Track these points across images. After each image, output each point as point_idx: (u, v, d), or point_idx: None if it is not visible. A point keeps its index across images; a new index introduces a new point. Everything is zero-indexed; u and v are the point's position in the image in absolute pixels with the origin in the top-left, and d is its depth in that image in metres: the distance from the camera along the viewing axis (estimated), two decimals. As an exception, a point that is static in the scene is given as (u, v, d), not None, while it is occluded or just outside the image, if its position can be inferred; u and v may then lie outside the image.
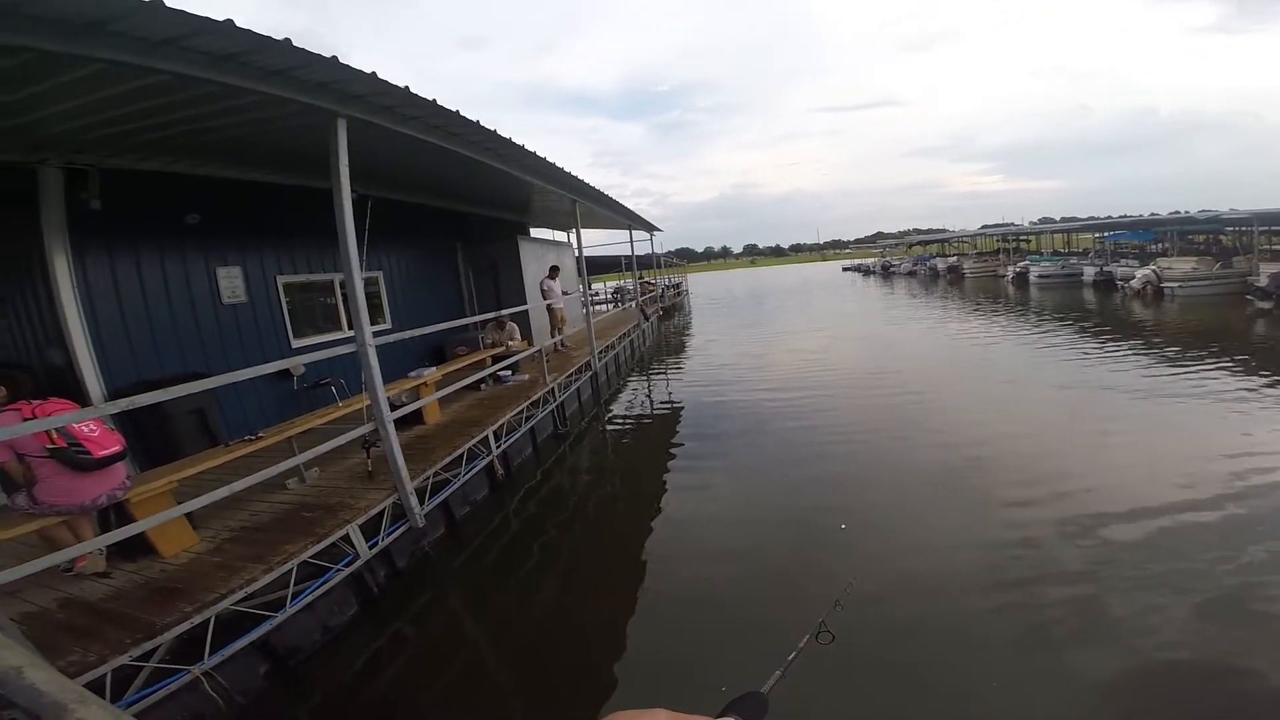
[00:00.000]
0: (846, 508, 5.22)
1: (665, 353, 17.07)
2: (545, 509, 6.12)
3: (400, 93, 4.28)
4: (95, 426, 3.52)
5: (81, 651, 2.78)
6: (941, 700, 2.99)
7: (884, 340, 15.25)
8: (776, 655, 1.13)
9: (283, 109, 4.15)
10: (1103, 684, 2.95)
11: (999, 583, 3.89)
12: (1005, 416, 7.54)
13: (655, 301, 24.11)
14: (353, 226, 4.26)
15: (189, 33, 2.88)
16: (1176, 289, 18.51)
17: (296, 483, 5.11)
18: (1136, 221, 25.58)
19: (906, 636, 3.42)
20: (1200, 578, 3.73)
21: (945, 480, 5.65)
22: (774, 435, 7.72)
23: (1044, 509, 4.84)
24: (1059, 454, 6.07)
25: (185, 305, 6.54)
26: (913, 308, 23.54)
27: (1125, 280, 21.17)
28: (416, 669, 3.66)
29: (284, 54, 3.33)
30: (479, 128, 5.47)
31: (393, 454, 4.58)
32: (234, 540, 4.05)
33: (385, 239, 9.51)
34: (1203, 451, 5.75)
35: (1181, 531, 4.30)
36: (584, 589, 4.57)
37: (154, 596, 3.31)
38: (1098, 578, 3.84)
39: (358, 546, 4.19)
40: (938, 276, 39.48)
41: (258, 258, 7.44)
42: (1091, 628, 3.38)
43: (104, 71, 3.28)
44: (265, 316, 7.50)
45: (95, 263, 5.67)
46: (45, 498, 3.30)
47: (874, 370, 11.11)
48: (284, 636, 3.53)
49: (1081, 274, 25.80)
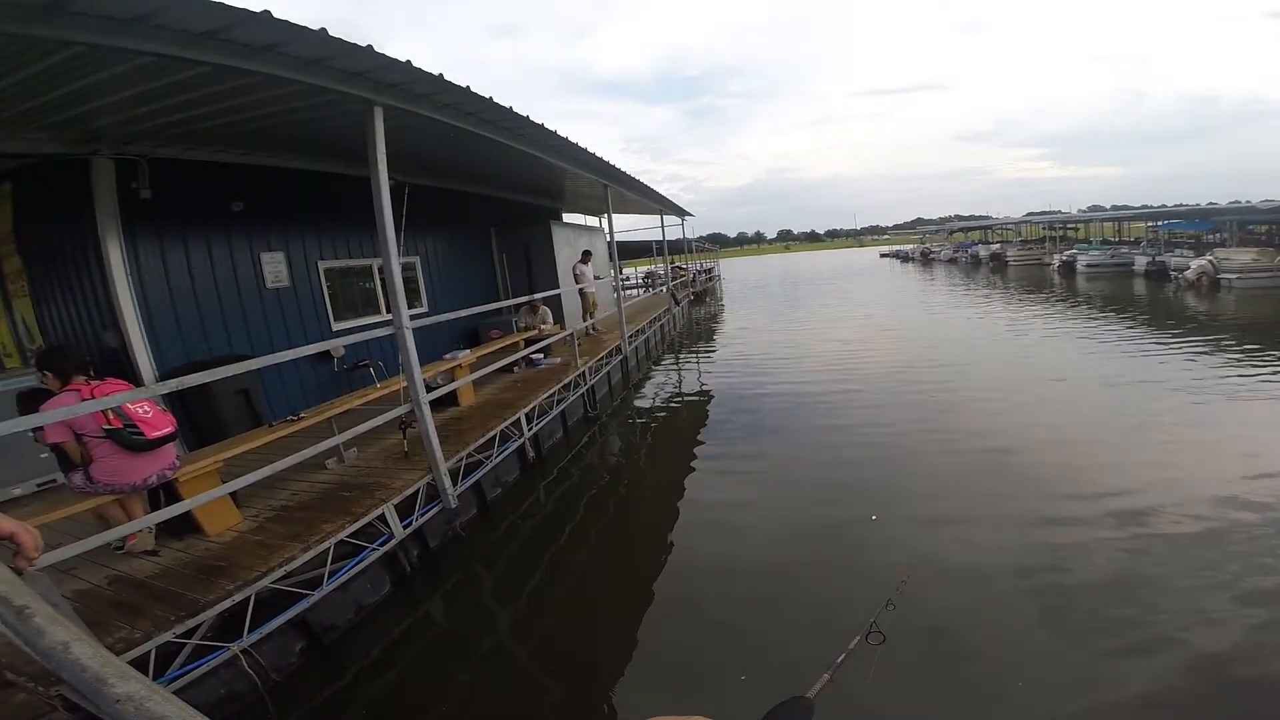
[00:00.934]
0: (881, 500, 5.12)
1: (695, 338, 16.96)
2: (575, 492, 6.17)
3: (434, 80, 4.30)
4: (149, 408, 3.66)
5: (128, 628, 2.87)
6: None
7: (920, 330, 14.85)
8: (817, 654, 1.05)
9: (321, 98, 4.20)
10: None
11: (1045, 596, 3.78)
12: (1052, 416, 7.27)
13: (686, 286, 23.96)
14: (390, 213, 4.32)
15: (229, 24, 2.93)
16: (1234, 280, 17.60)
17: (335, 463, 5.25)
18: (1193, 210, 24.27)
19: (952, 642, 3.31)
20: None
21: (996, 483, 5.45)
22: (805, 425, 7.61)
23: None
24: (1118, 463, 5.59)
25: (231, 290, 6.76)
26: (953, 295, 22.88)
27: (1179, 271, 20.17)
28: (446, 648, 3.75)
29: (320, 43, 3.37)
30: (511, 114, 5.47)
31: (428, 435, 4.67)
32: (275, 519, 4.18)
33: (422, 225, 9.64)
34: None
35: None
36: (612, 574, 4.60)
37: (198, 574, 3.43)
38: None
39: (393, 526, 4.29)
40: (979, 264, 38.29)
41: (299, 243, 7.63)
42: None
43: (149, 64, 3.38)
44: (307, 300, 7.70)
45: (146, 249, 5.89)
46: (100, 477, 3.45)
47: (909, 363, 10.82)
48: (319, 614, 3.64)
49: (1132, 264, 24.69)
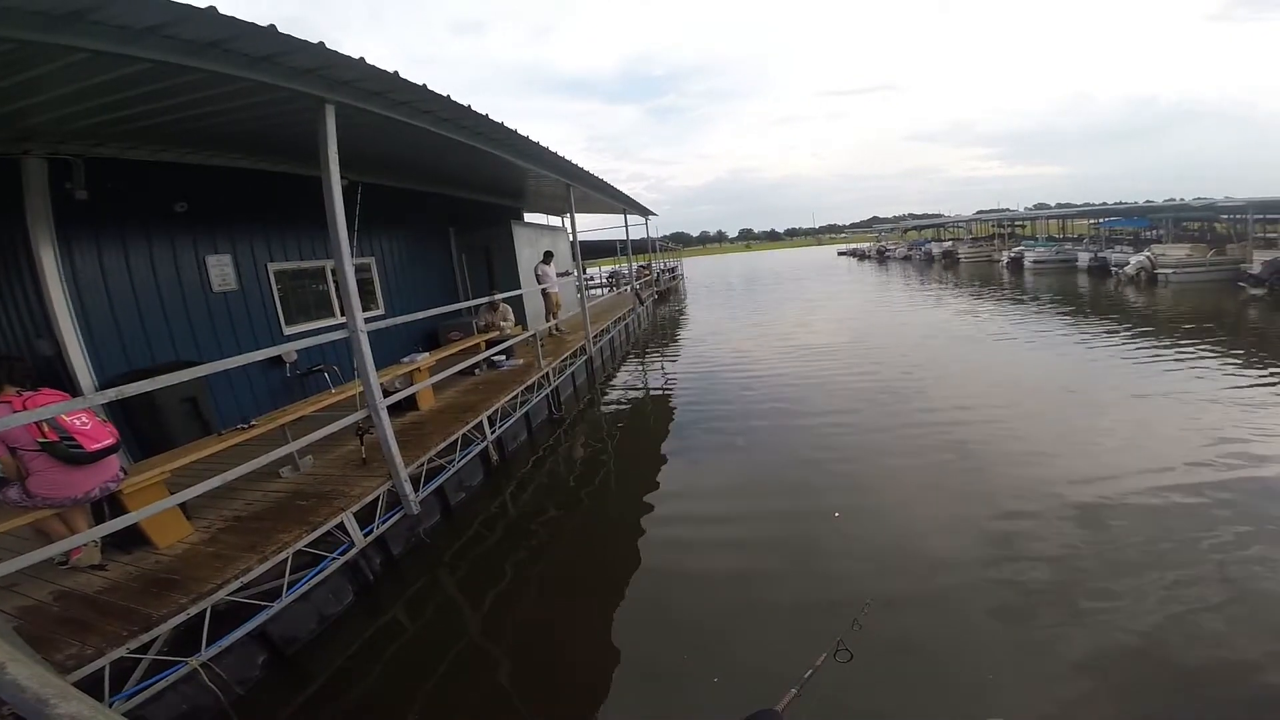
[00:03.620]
0: (841, 492, 5.27)
1: (660, 337, 17.06)
2: (541, 494, 6.16)
3: (389, 78, 4.22)
4: (87, 419, 3.50)
5: (79, 645, 2.78)
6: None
7: (870, 321, 15.32)
8: (789, 666, 1.07)
9: (270, 95, 4.08)
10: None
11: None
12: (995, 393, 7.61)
13: (650, 286, 24.04)
14: (343, 213, 4.23)
15: (171, 20, 2.83)
16: (1170, 275, 18.57)
17: (290, 471, 5.12)
18: (1131, 208, 25.48)
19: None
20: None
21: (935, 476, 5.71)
22: (774, 424, 7.74)
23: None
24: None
25: (175, 294, 6.49)
26: (907, 290, 23.58)
27: (1119, 266, 21.22)
28: (413, 656, 3.70)
29: (268, 40, 3.28)
30: (469, 112, 5.40)
31: (386, 441, 4.60)
32: (228, 530, 4.06)
33: (377, 225, 9.44)
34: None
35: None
36: (580, 575, 4.60)
37: (150, 588, 3.32)
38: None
39: (353, 534, 4.21)
40: (933, 261, 39.44)
41: (248, 245, 7.37)
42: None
43: (86, 61, 3.22)
44: (256, 304, 7.45)
45: (83, 253, 5.61)
46: (38, 490, 3.29)
47: (862, 351, 11.16)
48: (280, 626, 3.56)
49: (1076, 259, 25.80)
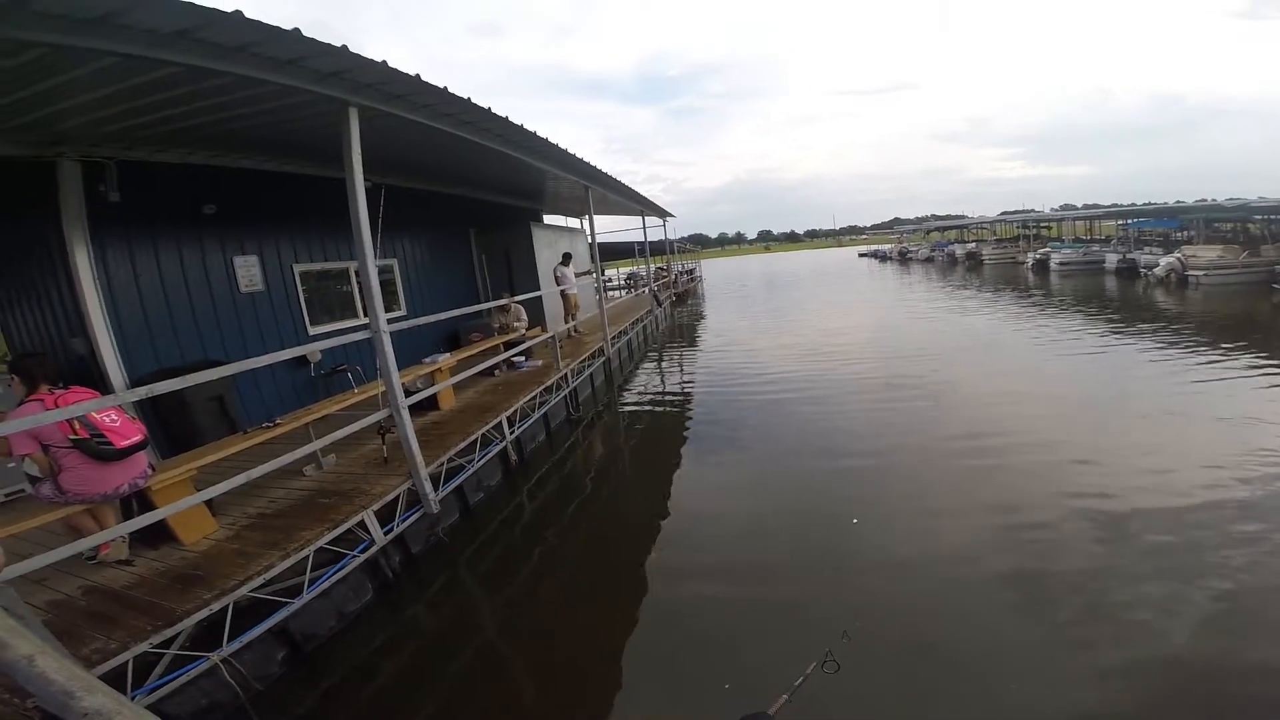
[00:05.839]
0: (857, 496, 5.20)
1: (678, 339, 17.00)
2: (559, 495, 6.16)
3: (411, 81, 4.26)
4: (117, 416, 3.58)
5: (104, 639, 2.83)
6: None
7: (899, 329, 15.03)
8: (783, 671, 1.11)
9: (295, 99, 4.15)
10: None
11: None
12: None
13: (668, 287, 24.01)
14: (366, 215, 4.28)
15: (199, 24, 2.88)
16: (1201, 277, 18.06)
17: (314, 469, 5.18)
18: (1161, 209, 24.83)
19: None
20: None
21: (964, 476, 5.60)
22: (791, 430, 7.63)
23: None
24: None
25: (204, 294, 6.63)
26: (930, 294, 23.18)
27: (1148, 268, 20.67)
28: (430, 654, 3.71)
29: (294, 44, 3.33)
30: (489, 114, 5.43)
31: (407, 440, 4.63)
32: (252, 527, 4.13)
33: (399, 227, 9.52)
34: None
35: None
36: (596, 576, 4.58)
37: (175, 584, 3.38)
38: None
39: (373, 533, 4.25)
40: (956, 263, 38.83)
41: (274, 246, 7.51)
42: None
43: (116, 65, 3.30)
44: (282, 304, 7.58)
45: (115, 254, 5.76)
46: (69, 487, 3.37)
47: (885, 358, 11.00)
48: (300, 622, 3.59)
49: (1103, 261, 25.18)
